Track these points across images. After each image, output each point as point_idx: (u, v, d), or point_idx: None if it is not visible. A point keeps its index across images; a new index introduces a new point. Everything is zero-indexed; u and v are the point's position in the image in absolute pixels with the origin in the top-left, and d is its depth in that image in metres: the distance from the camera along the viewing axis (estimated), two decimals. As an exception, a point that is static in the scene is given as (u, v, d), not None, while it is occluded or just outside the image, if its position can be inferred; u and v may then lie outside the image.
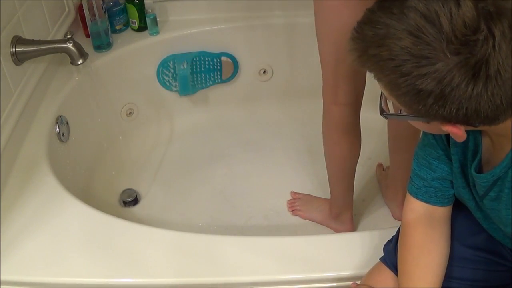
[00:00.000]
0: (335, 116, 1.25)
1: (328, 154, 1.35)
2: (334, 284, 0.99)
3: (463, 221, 0.91)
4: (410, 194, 0.89)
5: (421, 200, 0.87)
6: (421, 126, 0.74)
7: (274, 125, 1.89)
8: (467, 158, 0.79)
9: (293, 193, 1.62)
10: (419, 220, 0.87)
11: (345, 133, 1.27)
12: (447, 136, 0.81)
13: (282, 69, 1.89)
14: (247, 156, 1.77)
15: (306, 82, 1.89)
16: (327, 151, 1.34)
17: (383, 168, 1.69)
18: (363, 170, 1.71)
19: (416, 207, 0.88)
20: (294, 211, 1.57)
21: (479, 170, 0.77)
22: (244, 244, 1.05)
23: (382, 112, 0.76)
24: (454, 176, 0.83)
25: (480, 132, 0.75)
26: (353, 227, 1.49)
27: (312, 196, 1.60)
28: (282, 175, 1.70)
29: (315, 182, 1.65)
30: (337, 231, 1.50)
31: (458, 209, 0.90)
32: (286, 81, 1.92)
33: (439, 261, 0.86)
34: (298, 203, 1.58)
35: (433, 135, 0.83)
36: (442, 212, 0.88)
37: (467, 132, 0.75)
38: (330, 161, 1.36)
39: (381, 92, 0.73)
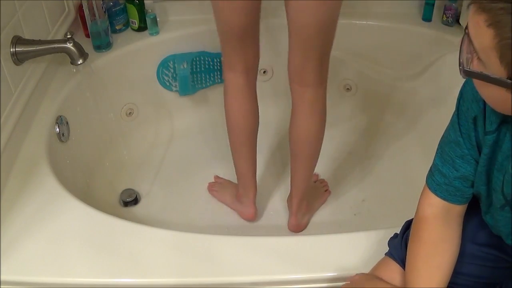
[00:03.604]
0: (231, 82, 1.34)
1: (227, 123, 1.39)
2: (334, 284, 0.99)
3: (468, 217, 0.90)
4: (430, 189, 0.87)
5: (440, 197, 0.86)
6: (499, 95, 0.64)
7: (274, 125, 1.89)
8: (497, 159, 0.77)
9: (216, 176, 1.68)
10: (436, 216, 0.86)
11: (241, 98, 1.35)
12: (476, 135, 0.79)
13: (282, 69, 1.88)
14: (247, 156, 1.77)
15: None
16: (227, 120, 1.39)
17: None
18: (363, 171, 1.71)
19: (434, 203, 0.87)
20: (211, 191, 1.64)
21: None
22: (244, 244, 1.05)
23: (463, 67, 0.65)
24: (478, 175, 0.82)
25: None
26: (255, 211, 1.52)
27: (230, 181, 1.64)
28: (281, 174, 1.70)
29: (315, 182, 1.66)
30: (241, 214, 1.55)
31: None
32: (286, 81, 1.91)
33: (450, 262, 0.85)
34: (217, 186, 1.65)
35: (461, 132, 0.81)
36: (458, 210, 0.87)
37: (504, 133, 0.73)
38: (229, 130, 1.41)
39: (461, 46, 0.65)
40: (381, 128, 1.89)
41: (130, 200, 1.59)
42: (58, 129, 1.35)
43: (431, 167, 0.89)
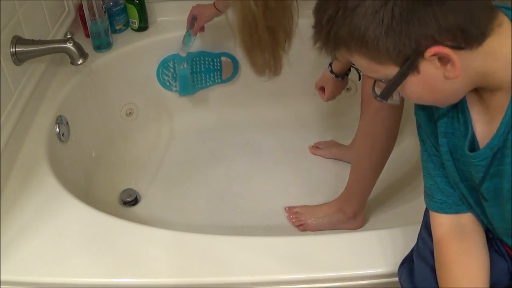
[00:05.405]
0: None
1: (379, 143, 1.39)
2: (334, 284, 0.99)
3: None
4: (431, 210, 0.87)
5: (442, 212, 0.85)
6: (414, 85, 0.67)
7: (274, 125, 1.89)
8: (457, 145, 0.77)
9: (288, 209, 1.54)
10: (448, 233, 0.85)
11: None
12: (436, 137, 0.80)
13: (282, 69, 1.89)
14: (247, 156, 1.77)
15: (306, 82, 1.88)
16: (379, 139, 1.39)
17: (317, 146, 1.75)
18: (363, 170, 1.71)
19: (442, 222, 0.86)
20: (300, 226, 1.49)
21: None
22: (244, 244, 1.05)
23: (376, 96, 0.71)
24: (449, 173, 0.81)
25: (468, 112, 0.73)
26: (363, 222, 1.51)
27: (309, 206, 1.52)
28: (282, 175, 1.69)
29: (314, 182, 1.66)
30: (351, 229, 1.48)
31: None
32: (286, 81, 1.92)
33: (479, 272, 0.82)
34: (302, 218, 1.49)
35: (432, 143, 0.82)
36: (469, 219, 0.85)
37: (457, 114, 0.74)
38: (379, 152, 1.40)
39: (374, 82, 0.71)
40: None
41: (130, 200, 1.59)
42: (58, 129, 1.35)
43: (424, 190, 0.88)
